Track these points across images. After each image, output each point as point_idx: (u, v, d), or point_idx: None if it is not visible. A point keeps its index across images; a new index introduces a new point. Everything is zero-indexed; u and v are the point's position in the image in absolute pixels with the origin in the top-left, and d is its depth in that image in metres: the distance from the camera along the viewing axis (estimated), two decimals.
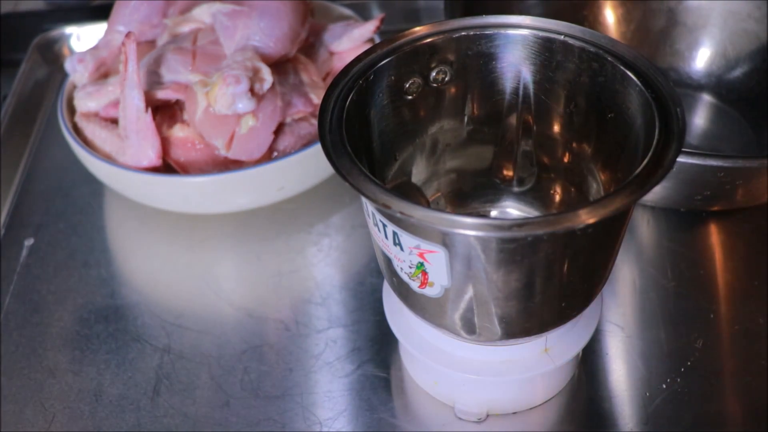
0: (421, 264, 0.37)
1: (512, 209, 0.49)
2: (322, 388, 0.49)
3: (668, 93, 0.37)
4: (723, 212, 0.58)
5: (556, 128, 0.44)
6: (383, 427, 0.47)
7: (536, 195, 0.48)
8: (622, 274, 0.55)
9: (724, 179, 0.48)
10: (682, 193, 0.52)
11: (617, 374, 0.49)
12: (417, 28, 0.42)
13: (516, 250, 0.34)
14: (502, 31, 0.42)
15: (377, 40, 0.64)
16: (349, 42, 0.62)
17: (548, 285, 0.37)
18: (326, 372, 0.50)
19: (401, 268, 0.38)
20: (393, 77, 0.42)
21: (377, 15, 0.63)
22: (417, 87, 0.43)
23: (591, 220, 0.32)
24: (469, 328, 0.40)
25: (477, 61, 0.43)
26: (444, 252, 0.35)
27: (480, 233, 0.33)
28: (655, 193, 0.54)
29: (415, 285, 0.38)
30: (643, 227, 0.58)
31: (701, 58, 0.66)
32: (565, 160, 0.45)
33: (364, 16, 0.68)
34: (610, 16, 0.68)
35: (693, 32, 0.66)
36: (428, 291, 0.38)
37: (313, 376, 0.50)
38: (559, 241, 0.35)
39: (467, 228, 0.32)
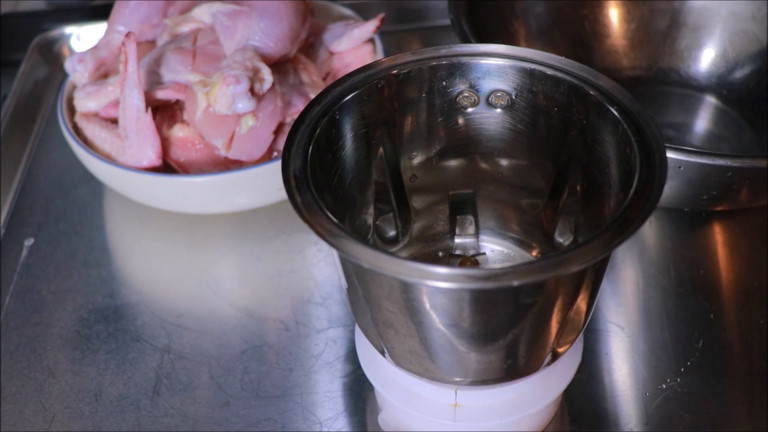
0: None
1: (490, 244, 0.47)
2: (322, 388, 0.49)
3: (653, 135, 0.34)
4: (724, 212, 0.58)
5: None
6: None
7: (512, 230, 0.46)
8: (624, 273, 0.55)
9: (731, 179, 0.48)
10: (688, 192, 0.52)
11: (617, 374, 0.49)
12: (379, 61, 0.39)
13: (477, 301, 0.32)
14: (475, 60, 0.39)
15: (377, 40, 0.64)
16: (349, 42, 0.62)
17: (507, 339, 0.35)
18: (326, 372, 0.50)
19: None
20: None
21: (377, 15, 0.63)
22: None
23: (524, 282, 0.29)
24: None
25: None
26: None
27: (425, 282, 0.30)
28: None
29: None
30: (645, 227, 0.58)
31: (702, 59, 0.66)
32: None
33: (364, 16, 0.68)
34: (610, 15, 0.68)
35: (694, 32, 0.66)
36: None
37: (313, 376, 0.50)
38: (508, 298, 0.33)
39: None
